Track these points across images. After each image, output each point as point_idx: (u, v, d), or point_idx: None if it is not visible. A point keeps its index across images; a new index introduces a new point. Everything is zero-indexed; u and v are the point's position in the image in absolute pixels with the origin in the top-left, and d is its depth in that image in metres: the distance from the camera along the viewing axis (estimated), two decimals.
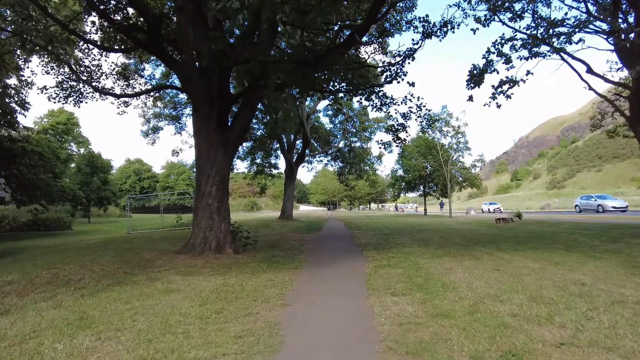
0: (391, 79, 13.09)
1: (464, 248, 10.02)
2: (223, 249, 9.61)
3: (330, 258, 9.61)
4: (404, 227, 18.69)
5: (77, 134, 73.90)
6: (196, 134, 10.24)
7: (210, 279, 6.98)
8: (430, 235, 13.77)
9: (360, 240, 13.21)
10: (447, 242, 11.60)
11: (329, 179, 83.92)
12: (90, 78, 14.23)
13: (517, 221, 18.89)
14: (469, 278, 6.21)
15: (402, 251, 9.81)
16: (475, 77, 11.76)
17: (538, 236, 12.03)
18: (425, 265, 7.54)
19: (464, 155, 30.59)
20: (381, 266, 7.80)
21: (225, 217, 9.89)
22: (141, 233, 20.55)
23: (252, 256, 9.74)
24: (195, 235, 9.68)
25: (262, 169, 32.14)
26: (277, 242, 12.93)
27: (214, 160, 9.95)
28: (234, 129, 10.36)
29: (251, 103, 10.50)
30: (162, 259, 9.09)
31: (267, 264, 8.60)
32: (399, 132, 16.03)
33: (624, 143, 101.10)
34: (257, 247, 11.25)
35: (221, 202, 9.84)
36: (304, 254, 10.39)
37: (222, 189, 9.94)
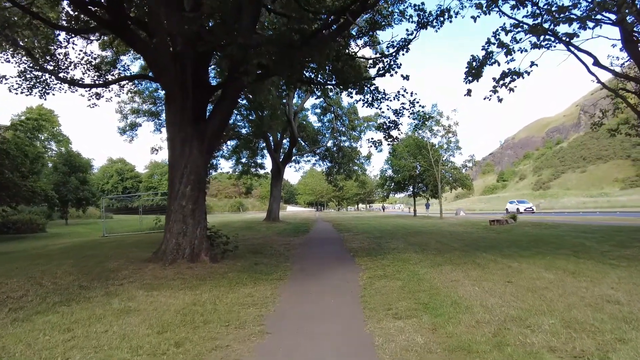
0: (384, 71, 12.21)
1: (465, 254, 9.18)
2: (198, 256, 8.56)
3: (318, 266, 8.64)
4: (395, 230, 17.86)
5: (56, 132, 71.50)
6: (169, 127, 9.16)
7: (179, 294, 5.95)
8: (425, 239, 12.93)
9: (350, 245, 12.28)
10: (444, 247, 10.76)
11: (317, 180, 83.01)
12: (57, 68, 12.98)
13: (512, 223, 18.25)
14: (481, 293, 5.33)
15: (398, 258, 8.91)
16: (474, 69, 10.95)
17: (540, 240, 11.29)
18: (427, 276, 6.64)
19: (454, 155, 30.09)
20: (377, 277, 6.88)
21: (201, 221, 8.84)
22: (117, 236, 19.28)
23: (231, 264, 8.72)
24: (166, 241, 8.61)
25: (248, 169, 31.00)
26: (261, 247, 11.91)
27: (188, 156, 8.90)
28: (212, 123, 9.31)
29: (231, 94, 9.47)
30: (129, 269, 8.00)
31: (247, 274, 7.60)
32: (391, 130, 15.22)
33: (607, 145, 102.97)
34: (238, 254, 10.22)
35: (196, 203, 8.79)
36: (290, 261, 9.41)
37: (198, 189, 8.89)
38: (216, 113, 9.36)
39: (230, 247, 9.77)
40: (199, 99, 9.52)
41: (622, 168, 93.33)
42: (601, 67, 9.81)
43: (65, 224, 38.46)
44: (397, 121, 14.69)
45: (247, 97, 20.50)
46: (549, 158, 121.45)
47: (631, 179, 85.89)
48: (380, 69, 12.23)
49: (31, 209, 31.80)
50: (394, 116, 14.52)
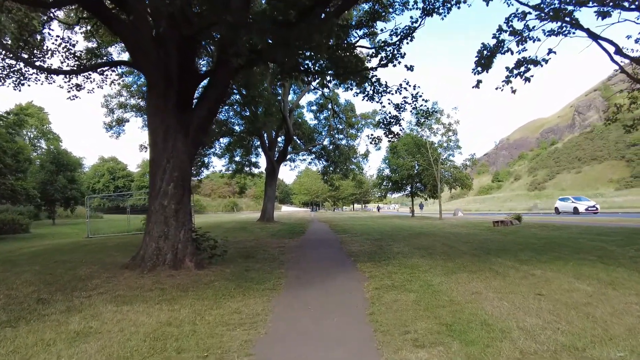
0: (386, 61, 11.37)
1: (477, 259, 8.33)
2: (182, 262, 7.63)
3: (316, 273, 7.74)
4: (395, 231, 17.01)
5: (46, 130, 69.93)
6: (150, 117, 8.22)
7: (154, 310, 5.02)
8: (429, 242, 12.08)
9: (350, 248, 11.40)
10: (452, 250, 9.92)
11: (313, 179, 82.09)
12: (32, 56, 11.97)
13: (517, 224, 17.49)
14: (512, 310, 4.47)
15: (405, 264, 8.04)
16: (485, 58, 10.12)
17: (553, 243, 10.49)
18: (443, 287, 5.77)
19: (454, 154, 29.30)
20: (385, 288, 5.99)
21: (186, 223, 7.90)
22: (102, 237, 18.23)
23: (219, 271, 7.80)
24: (146, 245, 7.67)
25: (242, 168, 30.00)
26: (253, 250, 10.99)
27: (171, 150, 7.96)
28: (198, 113, 8.38)
29: (221, 81, 8.54)
30: (102, 277, 7.05)
31: (236, 283, 6.69)
32: (392, 126, 14.40)
33: (602, 145, 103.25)
34: (228, 258, 9.30)
35: (180, 203, 7.85)
36: (285, 267, 8.50)
37: (182, 187, 7.96)
38: (203, 102, 8.43)
39: (218, 251, 8.83)
40: (184, 87, 8.59)
41: (617, 169, 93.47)
42: (623, 55, 9.03)
43: (52, 224, 37.23)
44: (398, 116, 13.89)
45: (241, 93, 19.58)
46: (544, 159, 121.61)
47: (626, 180, 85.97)
48: (383, 59, 11.38)
49: (16, 209, 30.60)
50: (395, 111, 13.72)
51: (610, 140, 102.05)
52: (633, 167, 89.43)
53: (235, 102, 22.62)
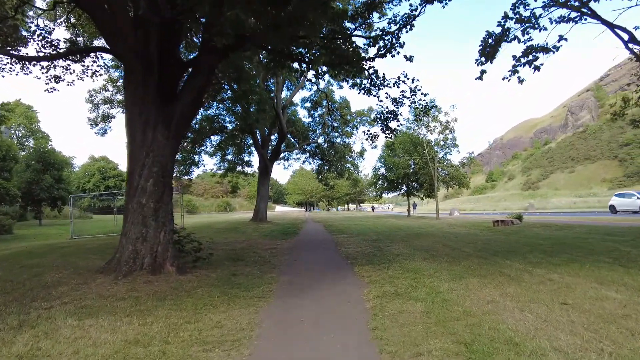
0: (385, 51, 10.72)
1: (485, 262, 7.71)
2: (162, 267, 6.90)
3: (310, 278, 7.06)
4: (392, 231, 16.38)
5: (35, 129, 68.51)
6: (128, 107, 7.48)
7: (121, 325, 4.31)
8: (430, 243, 11.46)
9: (346, 250, 10.73)
10: (456, 252, 9.29)
11: (307, 179, 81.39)
12: (4, 44, 11.14)
13: (518, 224, 16.94)
14: (539, 324, 3.83)
15: (407, 267, 7.38)
16: (490, 47, 9.51)
17: (562, 243, 9.91)
18: (453, 295, 5.12)
19: (451, 153, 28.77)
20: (387, 295, 5.32)
21: (166, 223, 7.18)
22: (86, 238, 17.38)
23: (203, 276, 7.09)
24: (122, 248, 6.93)
25: (234, 166, 29.18)
26: (243, 253, 10.28)
27: (151, 144, 7.24)
28: (181, 103, 7.65)
29: (205, 67, 7.82)
30: (70, 284, 6.31)
31: (221, 290, 5.99)
32: (389, 122, 13.78)
33: (595, 145, 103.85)
34: (215, 262, 8.58)
35: (160, 201, 7.12)
36: (276, 271, 7.81)
37: (163, 183, 7.23)
38: (186, 91, 7.71)
39: (203, 254, 8.11)
40: (166, 76, 7.86)
41: (610, 168, 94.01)
42: (637, 42, 8.46)
43: (38, 225, 36.12)
44: (396, 111, 13.27)
45: (232, 88, 18.81)
46: (538, 158, 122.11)
47: (619, 179, 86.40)
48: (381, 49, 10.74)
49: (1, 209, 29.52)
50: (392, 106, 13.11)
51: (603, 140, 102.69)
52: (626, 166, 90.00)
53: (226, 99, 21.87)
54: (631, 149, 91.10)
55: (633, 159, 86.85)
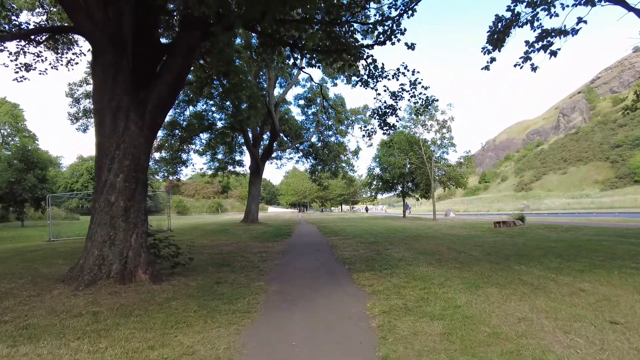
0: (385, 38, 9.91)
1: (498, 267, 6.92)
2: (133, 274, 5.99)
3: (303, 287, 6.20)
4: (390, 233, 15.58)
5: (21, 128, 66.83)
6: (96, 93, 6.56)
7: (65, 352, 3.43)
8: (432, 245, 10.67)
9: (342, 253, 9.88)
10: (463, 256, 8.50)
11: (300, 179, 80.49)
12: None
13: (521, 225, 16.25)
14: (596, 353, 3.02)
15: (412, 274, 6.56)
16: (498, 33, 8.75)
17: (577, 246, 9.18)
18: (475, 310, 4.30)
19: (448, 152, 28.11)
20: (395, 310, 4.48)
21: (138, 224, 6.27)
22: (62, 241, 16.32)
23: (182, 285, 6.19)
24: (86, 253, 6.01)
25: (225, 166, 28.19)
26: (230, 257, 9.38)
27: (122, 134, 6.33)
28: (157, 89, 6.76)
29: (183, 47, 6.93)
30: (22, 295, 5.38)
31: (199, 303, 5.11)
32: (387, 117, 13.01)
33: (587, 146, 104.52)
34: (198, 267, 7.69)
35: (131, 199, 6.22)
36: (265, 278, 6.93)
37: (135, 179, 6.32)
38: (163, 75, 6.81)
39: (182, 259, 7.21)
40: (142, 59, 6.98)
41: (602, 169, 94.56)
42: None
43: (20, 226, 34.75)
44: (394, 105, 12.51)
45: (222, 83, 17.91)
46: (530, 160, 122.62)
47: (611, 181, 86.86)
48: (380, 35, 9.93)
49: None
50: (391, 100, 12.35)
51: (595, 142, 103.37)
52: (617, 168, 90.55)
53: (216, 96, 20.94)
54: (623, 151, 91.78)
55: (625, 160, 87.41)
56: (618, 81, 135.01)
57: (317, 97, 26.22)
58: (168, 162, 23.40)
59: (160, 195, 39.56)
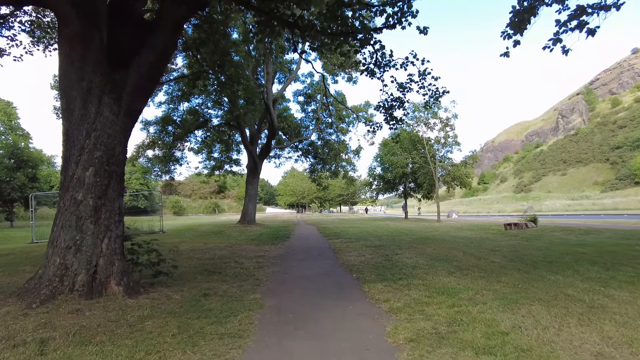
0: (394, 21, 8.97)
1: (529, 277, 5.99)
2: (104, 286, 5.03)
3: (306, 302, 5.25)
4: (395, 236, 14.64)
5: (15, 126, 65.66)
6: (62, 73, 5.58)
7: None
8: (445, 250, 9.73)
9: (348, 259, 8.93)
10: (484, 263, 7.57)
11: (298, 180, 79.52)
12: None
13: (533, 227, 15.35)
14: None
15: (432, 286, 5.62)
16: (522, 13, 7.82)
17: (610, 252, 8.29)
18: (528, 339, 3.36)
19: (452, 151, 27.19)
20: (425, 337, 3.54)
21: (111, 227, 5.30)
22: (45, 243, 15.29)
23: (163, 298, 5.24)
24: (47, 261, 5.04)
25: (221, 165, 27.18)
26: (223, 263, 8.41)
27: (93, 120, 5.37)
28: (137, 68, 5.79)
29: (168, 22, 5.98)
30: None
31: (179, 323, 4.17)
32: (394, 110, 12.12)
33: (586, 148, 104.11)
34: (184, 275, 6.74)
35: (103, 197, 5.25)
36: (261, 289, 5.98)
37: (108, 174, 5.36)
38: (144, 54, 5.84)
39: (165, 267, 6.23)
40: (119, 35, 6.01)
41: (602, 171, 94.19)
42: None
43: (9, 227, 33.63)
44: (402, 98, 11.62)
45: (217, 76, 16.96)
46: (530, 161, 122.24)
47: (611, 182, 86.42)
48: (390, 18, 8.99)
49: None
50: (398, 92, 11.47)
51: (594, 143, 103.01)
52: (617, 169, 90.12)
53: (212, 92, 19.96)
54: (623, 152, 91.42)
55: (625, 162, 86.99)
56: (617, 83, 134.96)
57: (317, 94, 25.28)
58: (160, 160, 22.39)
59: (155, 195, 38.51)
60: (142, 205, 67.05)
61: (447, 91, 11.52)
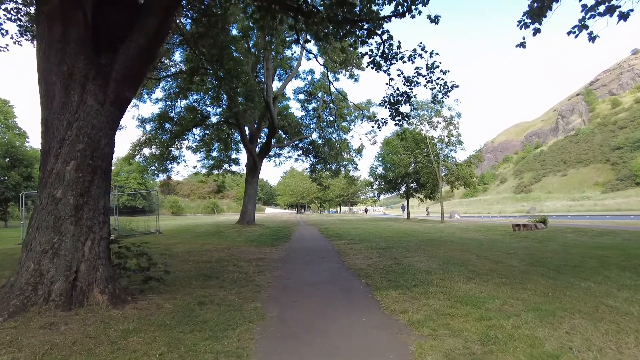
0: (404, 9, 8.43)
1: (557, 284, 5.44)
2: (86, 295, 4.47)
3: (312, 312, 4.69)
4: (400, 237, 14.08)
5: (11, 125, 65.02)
6: (41, 56, 5.01)
7: None
8: (456, 253, 9.18)
9: (354, 262, 8.37)
10: (501, 267, 7.02)
11: (298, 179, 78.96)
12: None
13: (543, 228, 14.81)
14: None
15: (453, 293, 5.07)
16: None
17: (637, 256, 7.72)
18: None
19: (456, 150, 26.62)
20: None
21: (95, 228, 4.73)
22: None
23: (153, 307, 4.69)
24: (21, 267, 4.46)
25: (220, 164, 26.59)
26: (220, 266, 7.84)
27: (75, 109, 4.81)
28: (125, 52, 5.23)
29: (163, 5, 5.41)
30: None
31: (170, 338, 3.62)
32: (400, 105, 11.59)
33: (587, 148, 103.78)
34: (179, 280, 6.17)
35: (85, 195, 4.69)
36: (261, 298, 5.42)
37: (91, 169, 4.79)
38: (133, 37, 5.27)
39: (156, 272, 5.66)
40: (106, 16, 5.45)
41: (602, 172, 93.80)
42: None
43: (4, 227, 33.02)
44: (408, 92, 11.09)
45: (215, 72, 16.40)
46: (530, 161, 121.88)
47: (612, 183, 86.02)
48: (399, 5, 8.44)
49: None
50: (405, 86, 10.95)
51: (595, 144, 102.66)
52: (618, 170, 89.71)
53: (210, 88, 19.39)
54: (623, 153, 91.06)
55: (625, 163, 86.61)
56: (617, 83, 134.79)
57: (319, 92, 24.71)
58: (157, 158, 21.79)
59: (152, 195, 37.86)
60: (140, 205, 66.34)
61: (455, 85, 10.99)
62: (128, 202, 61.88)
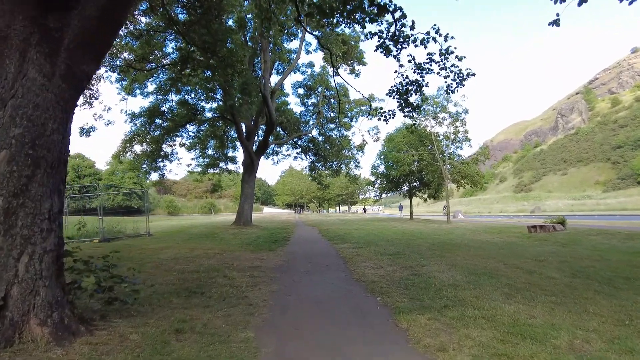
0: None
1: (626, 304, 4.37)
2: (20, 327, 3.35)
3: (319, 347, 3.59)
4: (408, 239, 12.99)
5: None
6: None
7: None
8: (476, 260, 8.10)
9: (363, 272, 7.26)
10: (539, 279, 5.94)
11: (297, 179, 77.86)
12: None
13: (562, 230, 13.75)
14: None
15: (499, 320, 3.98)
16: None
17: None
18: None
19: (462, 147, 25.56)
20: None
21: (35, 239, 3.60)
22: None
23: (116, 339, 3.60)
24: None
25: (216, 162, 25.44)
26: (209, 277, 6.72)
27: (12, 84, 3.69)
28: (81, 13, 4.11)
29: None
30: None
31: None
32: (410, 95, 10.54)
33: (587, 147, 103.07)
34: (156, 296, 5.07)
35: (22, 195, 3.57)
36: (255, 323, 4.31)
37: (32, 160, 3.67)
38: None
39: (122, 292, 4.54)
40: None
41: (603, 170, 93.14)
42: None
43: None
44: (419, 81, 10.03)
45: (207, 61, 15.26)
46: (529, 160, 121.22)
47: (612, 182, 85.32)
48: None
49: None
50: (415, 74, 9.89)
51: (595, 142, 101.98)
52: (619, 169, 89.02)
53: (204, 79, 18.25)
54: (624, 151, 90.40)
55: (627, 161, 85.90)
56: (617, 82, 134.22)
57: (319, 86, 23.59)
58: (148, 155, 20.62)
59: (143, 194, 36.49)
60: (136, 205, 65.11)
61: (472, 74, 9.93)
62: (123, 202, 60.58)
